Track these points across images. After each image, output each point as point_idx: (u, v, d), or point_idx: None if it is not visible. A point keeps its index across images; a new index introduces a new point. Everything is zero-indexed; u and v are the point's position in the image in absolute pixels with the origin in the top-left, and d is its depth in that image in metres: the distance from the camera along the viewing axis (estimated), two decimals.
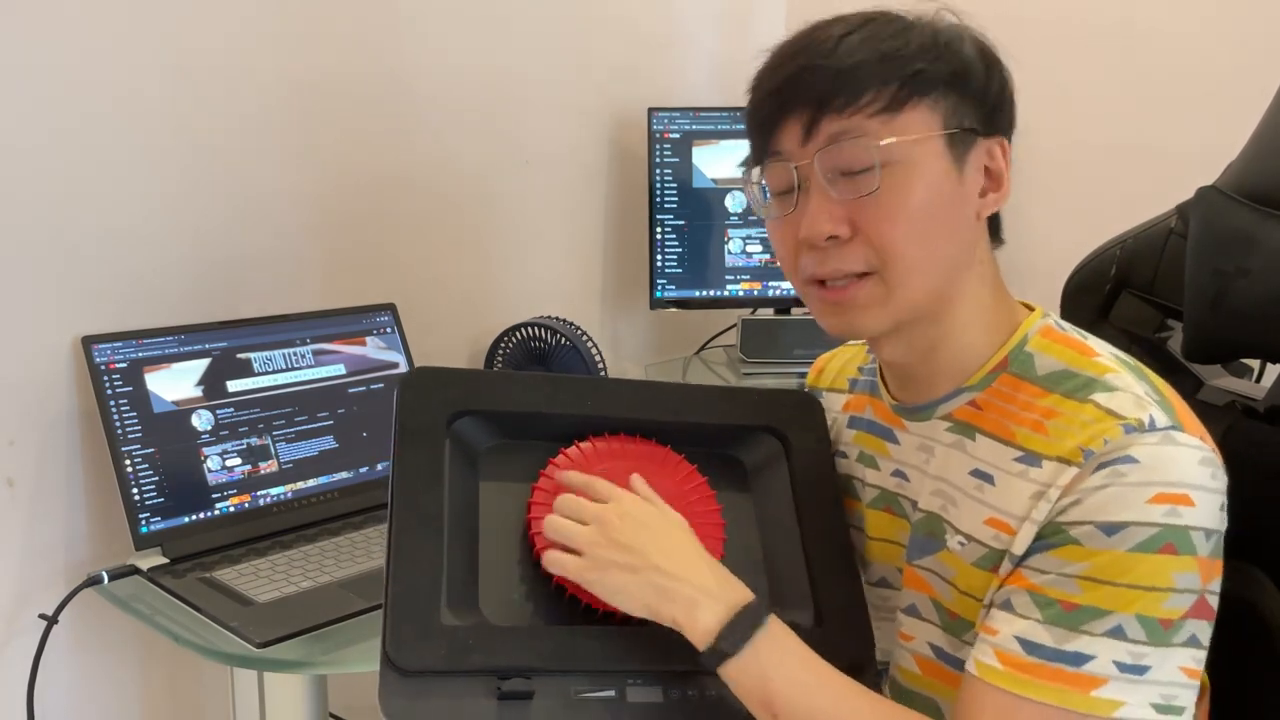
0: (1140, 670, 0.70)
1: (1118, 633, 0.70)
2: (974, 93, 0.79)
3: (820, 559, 0.87)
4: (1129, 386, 0.75)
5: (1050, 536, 0.74)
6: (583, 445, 0.87)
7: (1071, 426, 0.75)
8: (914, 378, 0.87)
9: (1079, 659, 0.70)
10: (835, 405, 0.99)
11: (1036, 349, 0.81)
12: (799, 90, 0.78)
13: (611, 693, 0.77)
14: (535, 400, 0.87)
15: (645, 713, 0.77)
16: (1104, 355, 0.79)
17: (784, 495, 0.90)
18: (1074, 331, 0.83)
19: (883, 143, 0.76)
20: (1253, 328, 0.90)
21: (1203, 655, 0.73)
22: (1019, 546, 0.75)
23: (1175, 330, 1.09)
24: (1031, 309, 0.86)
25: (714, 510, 0.87)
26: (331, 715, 1.35)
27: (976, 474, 0.81)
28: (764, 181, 0.84)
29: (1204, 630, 0.73)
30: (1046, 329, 0.83)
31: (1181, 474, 0.71)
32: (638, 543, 0.78)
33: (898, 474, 0.89)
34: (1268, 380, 0.99)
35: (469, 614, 0.78)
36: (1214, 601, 0.73)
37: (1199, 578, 0.71)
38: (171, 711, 1.37)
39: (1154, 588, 0.70)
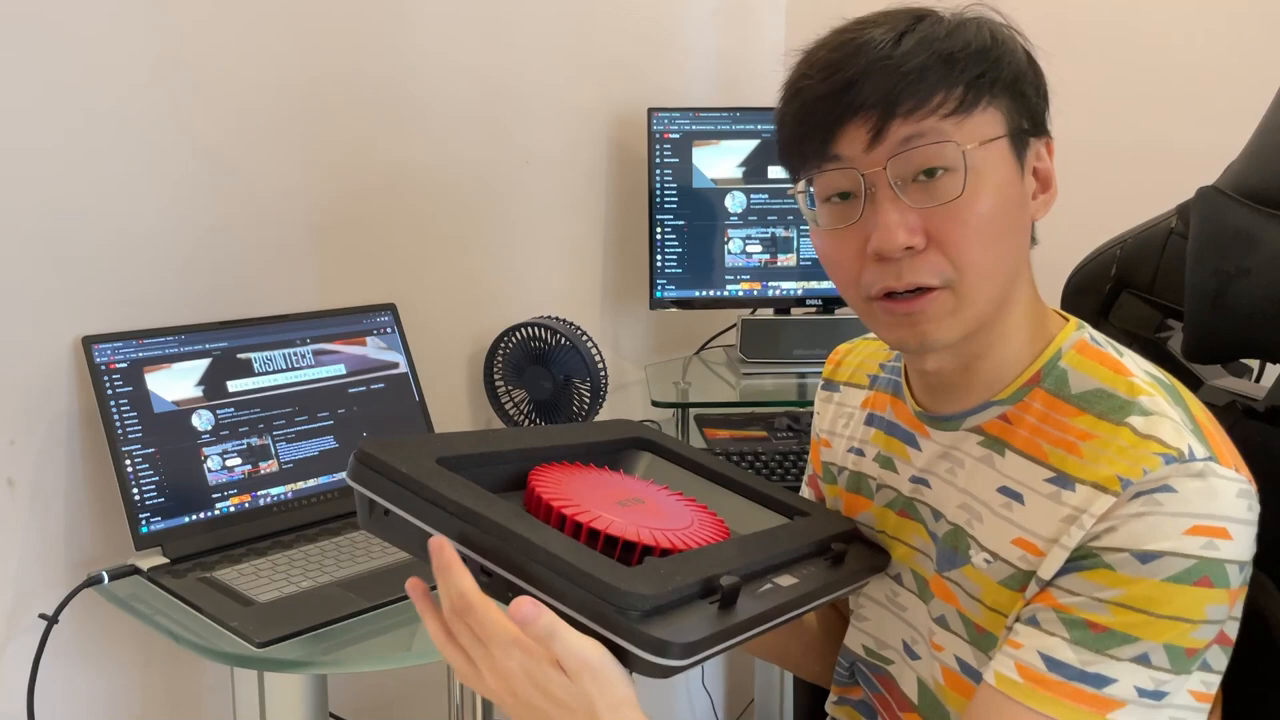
0: (1158, 696, 0.70)
1: (1143, 660, 0.70)
2: (1028, 94, 0.78)
3: (749, 488, 0.92)
4: (1164, 411, 0.74)
5: (1081, 560, 0.73)
6: (545, 465, 0.86)
7: (1107, 451, 0.74)
8: (947, 387, 0.84)
9: (1100, 681, 0.70)
10: (853, 400, 0.98)
11: (1071, 365, 0.79)
12: (861, 93, 0.74)
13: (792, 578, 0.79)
14: (473, 444, 0.83)
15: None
16: (1139, 376, 0.77)
17: (680, 472, 0.95)
18: (1109, 346, 0.81)
19: (967, 147, 0.74)
20: (1253, 328, 0.90)
21: (1213, 679, 0.73)
22: (1046, 570, 0.74)
23: (1175, 330, 1.09)
24: (1066, 319, 0.84)
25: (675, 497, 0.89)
26: (331, 715, 1.35)
27: (1005, 491, 0.79)
28: (812, 190, 0.80)
29: (1217, 654, 0.73)
30: (1082, 344, 0.81)
31: (1220, 507, 0.70)
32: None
33: (918, 480, 0.88)
34: (1268, 380, 0.99)
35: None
36: (1234, 627, 0.73)
37: (1228, 608, 0.71)
38: (171, 711, 1.37)
39: (1187, 619, 0.69)
